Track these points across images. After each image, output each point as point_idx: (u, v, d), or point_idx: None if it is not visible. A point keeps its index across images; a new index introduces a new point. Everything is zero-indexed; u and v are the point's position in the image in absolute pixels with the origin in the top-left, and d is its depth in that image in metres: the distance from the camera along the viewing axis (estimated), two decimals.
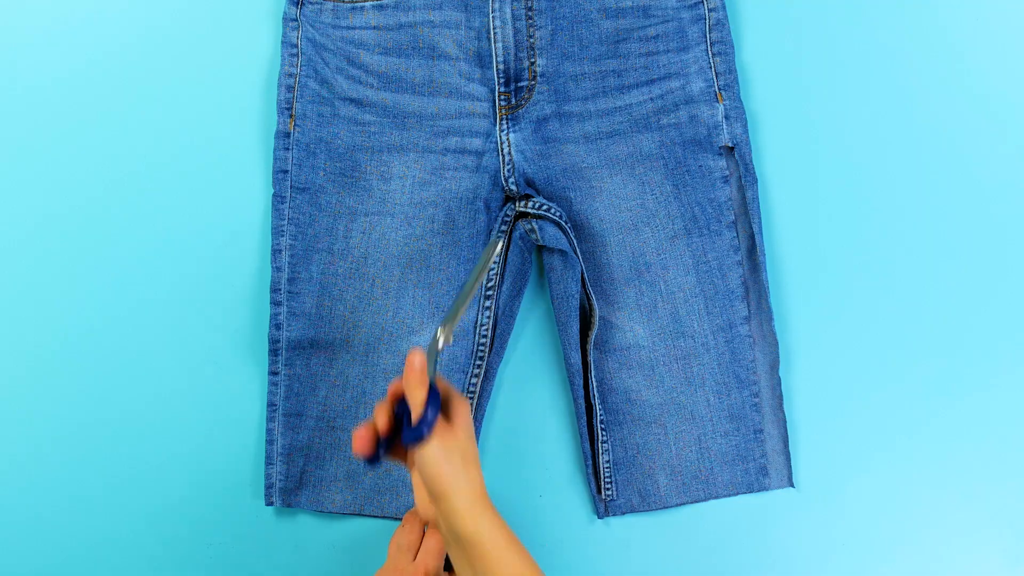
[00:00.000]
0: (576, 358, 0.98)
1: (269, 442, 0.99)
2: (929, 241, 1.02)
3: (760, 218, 0.99)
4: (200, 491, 1.00)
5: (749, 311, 1.00)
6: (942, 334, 1.01)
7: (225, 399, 1.01)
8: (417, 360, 0.79)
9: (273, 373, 0.99)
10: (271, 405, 0.99)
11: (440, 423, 0.78)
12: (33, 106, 1.04)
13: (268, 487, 0.99)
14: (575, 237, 0.99)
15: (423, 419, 0.77)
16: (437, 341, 0.81)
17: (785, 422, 0.99)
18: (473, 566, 0.78)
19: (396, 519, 0.99)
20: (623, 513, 0.99)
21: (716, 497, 0.99)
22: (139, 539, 0.99)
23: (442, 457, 0.77)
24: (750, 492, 0.99)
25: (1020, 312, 1.01)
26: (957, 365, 1.01)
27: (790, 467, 0.99)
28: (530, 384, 1.01)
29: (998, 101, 1.03)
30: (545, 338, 1.02)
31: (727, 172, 1.00)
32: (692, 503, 0.99)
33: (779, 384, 0.99)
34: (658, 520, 1.00)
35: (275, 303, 0.99)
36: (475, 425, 0.99)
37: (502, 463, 1.00)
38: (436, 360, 0.81)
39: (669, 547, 0.99)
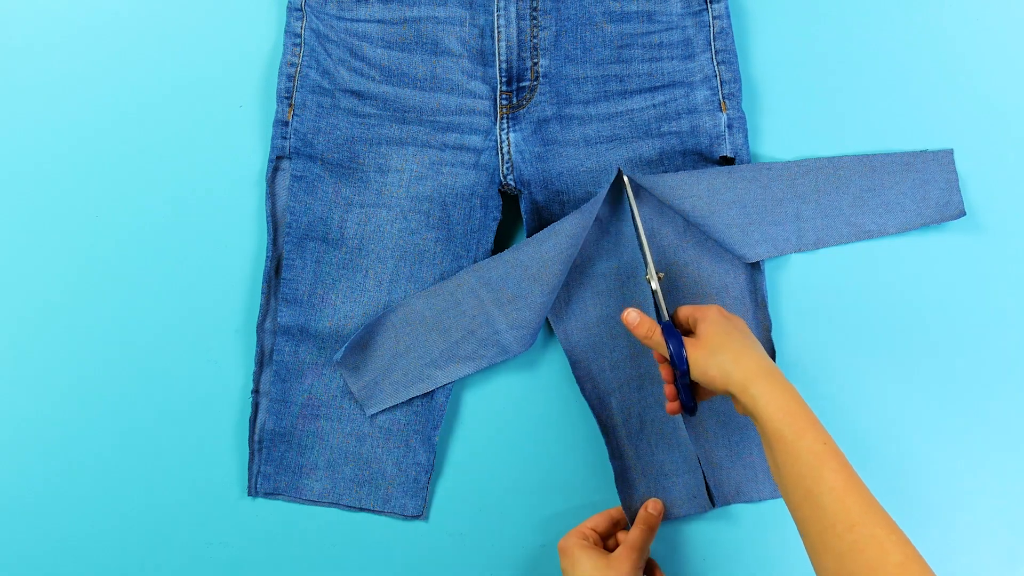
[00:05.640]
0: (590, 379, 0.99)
1: (252, 428, 0.99)
2: (928, 249, 1.01)
3: None
4: (185, 482, 1.00)
5: (747, 318, 0.99)
6: (941, 337, 1.00)
7: (217, 390, 1.01)
8: (630, 316, 0.90)
9: (259, 359, 0.99)
10: (260, 395, 0.99)
11: (690, 341, 0.87)
12: (28, 86, 1.05)
13: (250, 475, 0.99)
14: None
15: (672, 358, 0.87)
16: (650, 282, 0.93)
17: None
18: (771, 446, 0.81)
19: (372, 511, 0.99)
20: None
21: (726, 503, 0.97)
22: (124, 531, 0.99)
23: (705, 368, 0.85)
24: (750, 501, 0.98)
25: (1018, 315, 1.00)
26: (956, 367, 1.00)
27: None
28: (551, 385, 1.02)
29: (1007, 112, 1.03)
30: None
31: None
32: (701, 513, 0.98)
33: None
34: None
35: (266, 289, 0.99)
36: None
37: (504, 462, 1.00)
38: (659, 301, 0.93)
39: (668, 553, 0.98)
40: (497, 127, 1.00)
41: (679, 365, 0.86)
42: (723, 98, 1.00)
